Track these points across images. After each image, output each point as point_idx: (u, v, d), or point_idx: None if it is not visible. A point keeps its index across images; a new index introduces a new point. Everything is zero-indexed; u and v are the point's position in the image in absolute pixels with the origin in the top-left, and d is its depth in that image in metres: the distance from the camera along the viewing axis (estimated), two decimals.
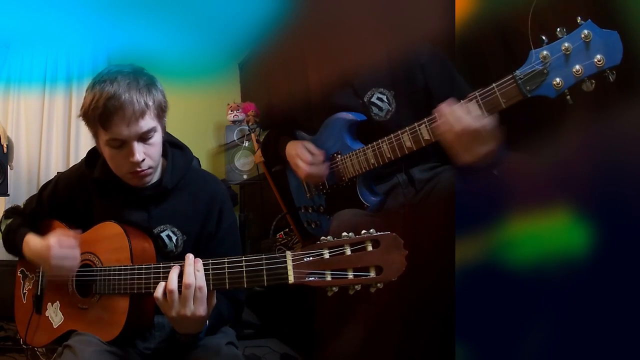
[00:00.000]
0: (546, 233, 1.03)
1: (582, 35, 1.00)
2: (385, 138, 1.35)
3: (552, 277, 1.02)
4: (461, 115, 1.15)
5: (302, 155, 1.56)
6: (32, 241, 1.31)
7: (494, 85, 1.12)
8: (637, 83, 1.11)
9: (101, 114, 1.14)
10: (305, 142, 1.59)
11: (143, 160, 1.19)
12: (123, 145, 1.18)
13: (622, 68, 1.01)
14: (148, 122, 1.18)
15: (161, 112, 1.23)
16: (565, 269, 1.00)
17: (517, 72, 1.09)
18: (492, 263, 1.09)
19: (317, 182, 1.59)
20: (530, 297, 1.05)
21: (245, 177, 3.28)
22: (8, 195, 2.90)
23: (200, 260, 1.08)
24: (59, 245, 1.22)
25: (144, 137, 1.19)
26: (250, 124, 3.27)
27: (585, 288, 0.98)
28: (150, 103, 1.18)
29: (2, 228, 1.42)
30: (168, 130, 1.32)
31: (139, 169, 1.21)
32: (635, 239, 0.93)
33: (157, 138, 1.22)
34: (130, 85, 1.15)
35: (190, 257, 1.09)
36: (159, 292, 1.08)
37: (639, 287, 0.92)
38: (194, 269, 1.07)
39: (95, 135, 1.23)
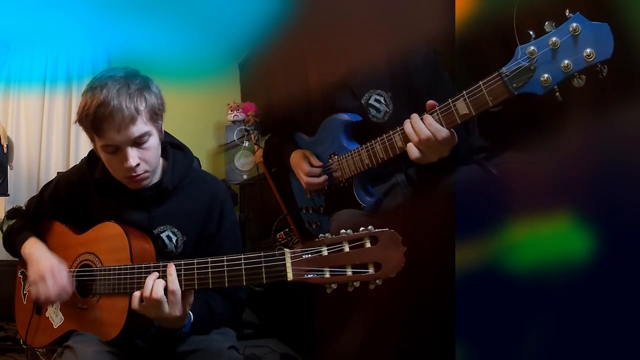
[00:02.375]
0: (547, 236, 1.02)
1: (571, 29, 0.97)
2: (378, 138, 1.35)
3: (553, 281, 1.01)
4: (421, 128, 1.20)
5: (301, 166, 1.59)
6: (36, 248, 1.31)
7: (480, 83, 1.09)
8: (638, 83, 1.10)
9: (92, 120, 1.15)
10: (307, 152, 1.60)
11: (138, 165, 1.20)
12: (117, 151, 1.19)
13: (624, 68, 1.00)
14: (140, 127, 1.17)
15: (155, 115, 1.22)
16: (566, 273, 0.99)
17: (503, 69, 1.06)
18: (492, 267, 1.08)
19: (316, 190, 1.61)
20: (530, 301, 1.04)
21: (245, 177, 3.27)
22: (8, 195, 2.90)
23: (173, 266, 1.11)
24: (55, 276, 1.23)
25: (137, 142, 1.19)
26: (250, 124, 3.27)
27: (586, 292, 0.97)
28: (142, 107, 1.17)
29: (4, 228, 1.42)
30: (168, 130, 1.32)
31: (134, 174, 1.21)
32: (638, 243, 0.92)
33: (152, 142, 1.22)
34: (120, 91, 1.15)
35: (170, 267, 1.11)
36: (135, 302, 1.12)
37: None
38: (168, 274, 1.10)
39: (92, 140, 1.23)
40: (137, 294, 1.12)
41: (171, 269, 1.10)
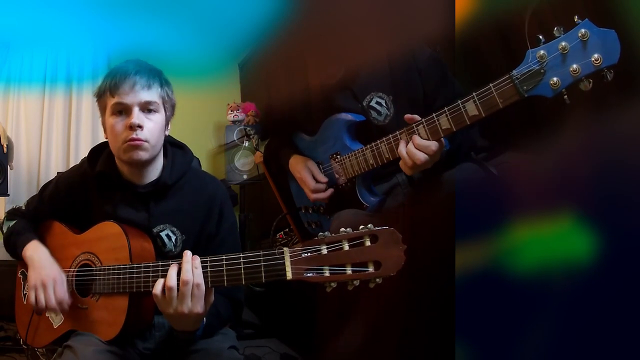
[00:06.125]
0: (548, 236, 1.02)
1: (579, 34, 1.00)
2: (384, 138, 1.35)
3: (554, 281, 1.00)
4: (415, 153, 1.25)
5: (306, 182, 1.58)
6: (39, 252, 1.31)
7: (490, 85, 1.11)
8: (638, 84, 1.10)
9: (112, 79, 1.23)
10: (311, 164, 1.60)
11: (140, 127, 1.21)
12: (125, 112, 1.22)
13: (626, 70, 1.01)
14: (153, 95, 1.24)
15: (167, 97, 1.28)
16: (568, 274, 0.98)
17: (514, 72, 1.08)
18: (492, 266, 1.08)
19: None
20: (531, 302, 1.03)
21: (245, 177, 3.27)
22: (8, 195, 2.89)
23: (199, 258, 1.09)
24: (57, 286, 1.25)
25: (145, 108, 1.23)
26: (250, 124, 3.27)
27: (588, 294, 0.96)
28: (157, 83, 1.26)
29: (4, 230, 1.42)
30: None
31: (134, 136, 1.21)
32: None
33: (158, 117, 1.25)
34: (141, 65, 1.26)
35: (188, 254, 1.09)
36: (157, 289, 1.08)
37: None
38: (192, 266, 1.07)
39: (104, 109, 1.27)
40: (160, 282, 1.09)
41: (197, 261, 1.08)
